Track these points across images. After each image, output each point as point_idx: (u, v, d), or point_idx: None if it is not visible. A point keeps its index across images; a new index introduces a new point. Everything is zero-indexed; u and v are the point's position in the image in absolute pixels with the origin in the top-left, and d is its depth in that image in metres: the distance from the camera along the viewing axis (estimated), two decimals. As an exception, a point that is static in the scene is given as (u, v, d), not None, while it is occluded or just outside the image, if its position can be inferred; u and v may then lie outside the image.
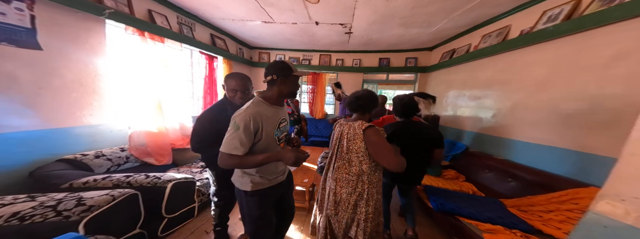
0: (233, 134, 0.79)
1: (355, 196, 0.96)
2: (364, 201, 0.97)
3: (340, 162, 1.01)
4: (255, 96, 0.90)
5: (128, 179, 1.28)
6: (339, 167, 1.00)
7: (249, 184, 0.88)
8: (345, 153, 0.99)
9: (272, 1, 2.08)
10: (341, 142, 1.01)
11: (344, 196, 0.97)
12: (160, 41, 2.06)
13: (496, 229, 1.20)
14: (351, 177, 0.97)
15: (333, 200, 0.99)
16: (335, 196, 0.99)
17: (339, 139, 1.02)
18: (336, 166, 1.02)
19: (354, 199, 0.96)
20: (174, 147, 2.15)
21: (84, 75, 1.59)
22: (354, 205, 0.97)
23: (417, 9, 2.09)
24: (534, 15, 1.76)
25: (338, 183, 0.99)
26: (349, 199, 0.97)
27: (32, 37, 1.29)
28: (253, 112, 0.80)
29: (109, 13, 1.59)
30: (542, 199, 1.33)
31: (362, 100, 1.00)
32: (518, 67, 1.90)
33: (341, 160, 1.00)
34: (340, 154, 1.01)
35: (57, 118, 1.47)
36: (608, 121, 1.25)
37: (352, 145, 0.97)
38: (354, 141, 0.96)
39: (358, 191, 0.97)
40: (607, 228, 0.42)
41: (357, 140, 0.96)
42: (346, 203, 0.98)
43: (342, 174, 0.99)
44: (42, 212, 0.88)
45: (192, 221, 1.65)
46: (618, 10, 1.20)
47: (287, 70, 0.84)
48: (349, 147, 0.97)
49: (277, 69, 0.84)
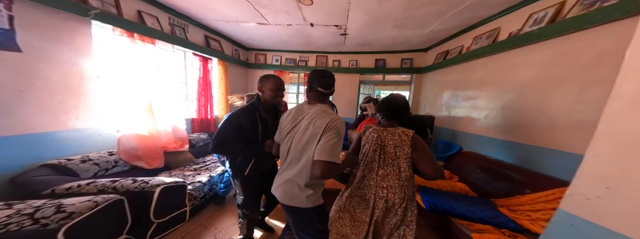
0: (337, 141, 0.79)
1: (407, 200, 0.99)
2: (413, 203, 1.00)
3: (389, 168, 1.00)
4: (322, 106, 0.92)
5: (114, 184, 1.25)
6: (388, 174, 0.99)
7: (319, 199, 0.90)
8: (392, 159, 0.99)
9: (265, 3, 2.07)
10: (386, 149, 1.00)
11: (397, 201, 0.98)
12: (150, 43, 2.02)
13: (485, 229, 1.21)
14: (402, 183, 0.98)
15: (384, 207, 0.99)
16: (386, 203, 0.99)
17: (381, 146, 1.02)
18: (382, 174, 1.00)
19: (406, 203, 0.98)
20: (166, 151, 2.11)
21: (68, 77, 1.55)
22: (405, 208, 0.99)
23: (410, 11, 2.11)
24: (522, 17, 1.79)
25: (390, 190, 0.98)
26: (402, 203, 0.98)
27: (10, 38, 1.24)
28: None
29: (95, 14, 1.55)
30: (529, 199, 1.35)
31: (402, 107, 1.05)
32: (508, 69, 1.93)
33: (388, 166, 1.00)
34: (385, 160, 1.01)
35: (41, 122, 1.43)
36: (591, 122, 1.27)
37: (399, 151, 0.98)
38: (402, 147, 0.98)
39: (409, 195, 0.99)
40: (574, 226, 0.43)
41: (404, 146, 0.98)
42: (398, 207, 0.99)
43: (393, 181, 0.99)
44: (18, 220, 0.84)
45: (183, 225, 1.61)
46: (597, 14, 1.23)
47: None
48: (397, 154, 0.98)
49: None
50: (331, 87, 0.93)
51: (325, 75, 0.93)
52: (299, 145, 0.88)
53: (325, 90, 0.92)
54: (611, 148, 0.40)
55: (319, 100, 0.94)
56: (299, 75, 4.19)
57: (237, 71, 3.82)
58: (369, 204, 1.01)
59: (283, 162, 0.97)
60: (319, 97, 0.94)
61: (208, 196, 1.88)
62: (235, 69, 3.72)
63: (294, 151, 0.91)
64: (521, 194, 1.46)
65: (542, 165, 1.55)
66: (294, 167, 0.90)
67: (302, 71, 4.06)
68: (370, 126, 1.11)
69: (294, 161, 0.91)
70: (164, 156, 2.05)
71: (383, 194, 0.99)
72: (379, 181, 1.00)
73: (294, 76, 4.25)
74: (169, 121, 2.23)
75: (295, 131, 0.91)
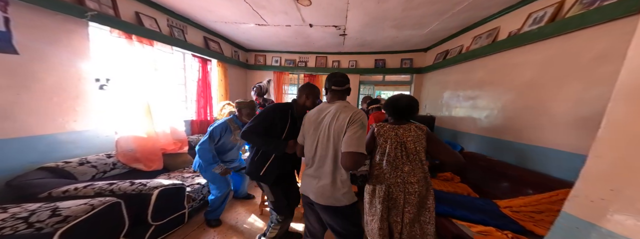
0: (363, 133, 0.83)
1: (431, 191, 1.05)
2: (431, 194, 1.05)
3: (413, 164, 1.04)
4: (343, 102, 0.97)
5: (111, 187, 1.24)
6: (414, 169, 1.03)
7: (354, 196, 0.93)
8: (414, 154, 1.04)
9: (264, 4, 2.06)
10: (406, 145, 1.05)
11: (424, 194, 1.03)
12: (149, 44, 2.02)
13: (488, 230, 1.19)
14: (426, 175, 1.04)
15: (417, 202, 1.03)
16: (419, 197, 1.03)
17: (401, 143, 1.06)
18: (408, 170, 1.04)
19: (425, 194, 1.04)
20: (165, 152, 2.10)
21: (66, 79, 1.54)
22: (426, 198, 1.04)
23: (408, 11, 2.10)
24: (521, 17, 1.78)
25: (418, 183, 1.02)
26: (428, 195, 1.04)
27: (6, 40, 1.23)
28: None
29: (92, 15, 1.55)
30: (533, 200, 1.33)
31: (408, 107, 1.10)
32: (508, 69, 1.91)
33: (413, 162, 1.04)
34: (408, 156, 1.05)
35: (38, 125, 1.42)
36: (593, 122, 1.25)
37: (419, 146, 1.04)
38: (420, 142, 1.05)
39: (429, 187, 1.05)
40: (578, 229, 0.42)
41: (422, 140, 1.05)
42: (426, 199, 1.04)
43: (419, 175, 1.03)
44: (13, 224, 0.83)
45: (182, 227, 1.60)
46: (597, 13, 1.22)
47: None
48: (417, 148, 1.04)
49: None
50: (344, 84, 0.98)
51: (336, 75, 1.00)
52: (325, 142, 0.92)
53: (338, 87, 0.97)
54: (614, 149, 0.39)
55: (337, 98, 0.99)
56: (299, 76, 4.18)
57: (237, 72, 3.81)
58: (397, 202, 1.04)
59: (310, 161, 1.00)
60: (337, 95, 0.99)
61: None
62: (235, 70, 3.72)
63: (321, 148, 0.93)
64: (524, 195, 1.44)
65: (544, 165, 1.53)
66: (323, 165, 0.93)
67: (301, 72, 4.06)
68: (384, 124, 1.14)
69: (322, 159, 0.94)
70: (162, 158, 2.04)
71: (413, 189, 1.02)
72: (406, 178, 1.03)
73: (294, 77, 4.25)
74: (167, 122, 2.22)
75: (320, 129, 0.95)
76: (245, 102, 1.67)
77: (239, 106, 1.65)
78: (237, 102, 1.67)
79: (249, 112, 1.65)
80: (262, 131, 1.14)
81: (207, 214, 1.73)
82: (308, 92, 1.16)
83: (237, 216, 1.89)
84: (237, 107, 1.65)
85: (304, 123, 1.04)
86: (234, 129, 1.66)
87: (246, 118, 1.65)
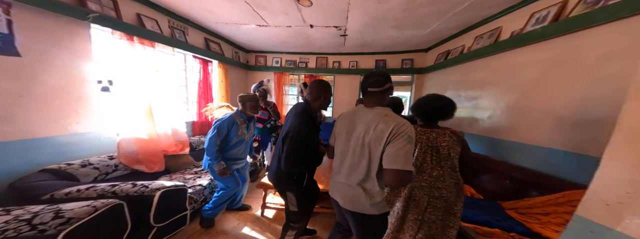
0: (410, 148, 0.75)
1: (461, 198, 1.03)
2: (461, 200, 1.04)
3: (444, 169, 1.01)
4: (383, 109, 0.87)
5: (113, 189, 1.23)
6: (443, 175, 1.00)
7: (386, 207, 0.89)
8: (445, 161, 1.01)
9: (265, 4, 2.07)
10: (439, 150, 1.02)
11: (452, 199, 1.01)
12: (150, 46, 2.02)
13: (493, 232, 1.18)
14: (458, 181, 1.02)
15: (444, 207, 1.01)
16: (446, 203, 1.00)
17: (432, 147, 1.03)
18: (437, 175, 1.01)
19: (455, 200, 1.02)
20: (166, 154, 2.10)
21: (68, 81, 1.54)
22: (454, 204, 1.01)
23: (409, 12, 2.10)
24: (524, 17, 1.77)
25: (447, 189, 0.99)
26: (457, 201, 1.02)
27: (9, 43, 1.24)
28: None
29: (94, 17, 1.55)
30: (539, 201, 1.32)
31: (437, 110, 1.06)
32: (511, 69, 1.90)
33: (443, 167, 1.01)
34: (439, 162, 1.02)
35: (40, 127, 1.42)
36: (599, 123, 1.24)
37: (453, 152, 1.02)
38: (454, 148, 1.02)
39: (460, 193, 1.02)
40: (594, 233, 0.41)
41: (456, 146, 1.02)
42: (454, 205, 1.02)
43: (449, 181, 1.00)
44: (16, 226, 0.83)
45: (184, 229, 1.60)
46: (602, 12, 1.20)
47: None
48: (451, 154, 1.01)
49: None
50: (383, 84, 0.85)
51: (373, 74, 0.87)
52: (359, 151, 0.85)
53: (376, 88, 0.85)
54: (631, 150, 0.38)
55: (376, 102, 0.88)
56: (299, 76, 4.18)
57: (238, 73, 3.82)
58: (420, 203, 1.02)
59: (339, 165, 0.96)
60: (376, 99, 0.88)
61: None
62: (236, 71, 3.72)
63: (352, 154, 0.88)
64: (529, 196, 1.42)
65: (548, 166, 1.51)
66: (354, 172, 0.88)
67: (302, 73, 4.06)
68: (414, 126, 1.09)
69: (353, 167, 0.88)
70: (164, 160, 2.04)
71: (440, 194, 1.00)
72: (433, 182, 1.01)
73: (294, 78, 4.25)
74: (169, 124, 2.23)
75: (353, 135, 0.88)
76: (248, 95, 1.68)
77: (242, 100, 1.66)
78: (241, 96, 1.67)
79: (253, 105, 1.67)
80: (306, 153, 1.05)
81: (204, 212, 1.69)
82: (326, 94, 1.10)
83: (235, 225, 1.79)
84: (241, 101, 1.67)
85: (337, 125, 0.99)
86: (240, 123, 1.65)
87: (250, 111, 1.67)
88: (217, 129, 1.56)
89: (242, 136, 1.69)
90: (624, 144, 0.39)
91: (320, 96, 1.10)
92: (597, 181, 0.41)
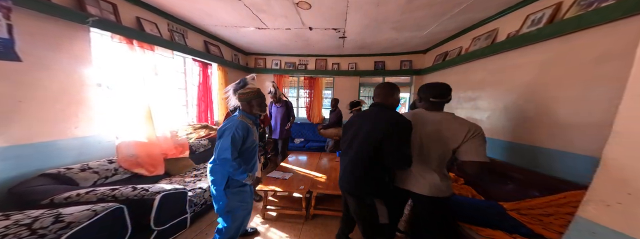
0: (485, 145, 0.94)
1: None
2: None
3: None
4: (447, 113, 1.07)
5: (113, 193, 1.23)
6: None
7: (451, 189, 1.05)
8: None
9: (264, 7, 2.08)
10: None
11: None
12: (149, 49, 2.03)
13: (495, 233, 1.17)
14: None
15: None
16: None
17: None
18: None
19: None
20: (166, 157, 2.09)
21: (68, 85, 1.54)
22: None
23: (407, 14, 2.12)
24: (519, 18, 1.79)
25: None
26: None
27: (9, 47, 1.23)
28: None
29: (93, 21, 1.55)
30: (541, 202, 1.31)
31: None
32: (508, 70, 1.92)
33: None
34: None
35: (40, 132, 1.41)
36: (597, 122, 1.26)
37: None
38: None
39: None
40: (596, 234, 0.41)
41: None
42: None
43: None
44: (16, 231, 0.82)
45: (184, 232, 1.58)
46: (595, 14, 1.22)
47: None
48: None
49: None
50: (446, 96, 1.07)
51: (436, 87, 1.09)
52: (433, 144, 1.03)
53: (439, 99, 1.07)
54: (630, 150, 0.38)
55: (435, 108, 1.09)
56: (299, 78, 4.20)
57: (237, 75, 3.81)
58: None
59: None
60: (435, 106, 1.09)
61: (209, 202, 1.85)
62: (235, 74, 3.73)
63: (426, 148, 1.05)
64: (529, 197, 1.42)
65: (549, 167, 1.52)
66: (426, 161, 1.05)
67: (301, 75, 4.07)
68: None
69: (425, 158, 1.05)
70: (164, 163, 2.03)
71: None
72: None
73: (294, 80, 4.26)
74: (168, 127, 2.22)
75: (423, 133, 1.06)
76: (253, 91, 1.33)
77: (248, 98, 1.33)
78: (244, 93, 1.33)
79: (260, 102, 1.37)
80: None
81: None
82: (395, 97, 1.15)
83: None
84: (246, 99, 1.33)
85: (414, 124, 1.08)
86: (251, 126, 1.33)
87: (258, 110, 1.38)
88: (232, 140, 1.19)
89: (255, 140, 1.38)
90: (622, 143, 0.39)
91: (394, 94, 1.16)
92: (597, 181, 0.41)
